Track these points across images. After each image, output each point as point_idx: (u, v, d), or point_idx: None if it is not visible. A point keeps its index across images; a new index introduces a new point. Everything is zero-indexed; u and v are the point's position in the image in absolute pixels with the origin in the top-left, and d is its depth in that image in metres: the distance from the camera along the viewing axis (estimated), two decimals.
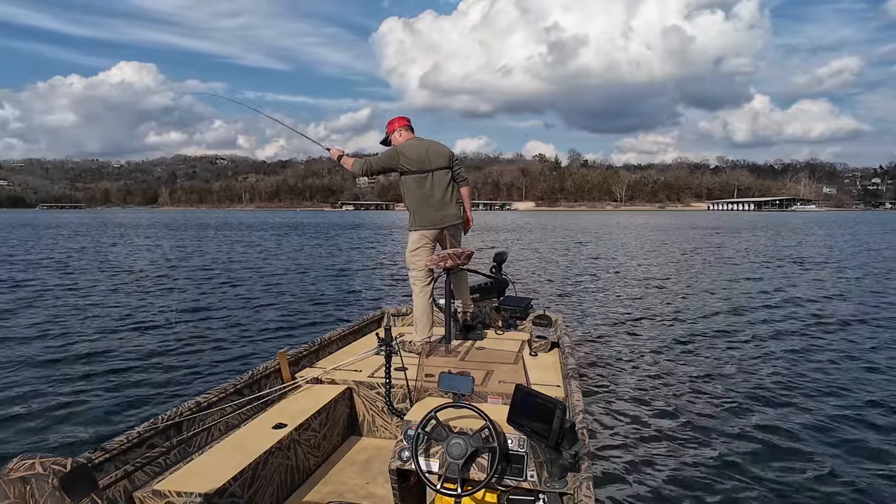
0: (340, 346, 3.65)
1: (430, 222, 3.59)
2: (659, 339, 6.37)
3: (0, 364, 5.30)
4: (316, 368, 3.14)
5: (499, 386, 2.76)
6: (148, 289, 10.28)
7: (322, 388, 2.88)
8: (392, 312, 4.48)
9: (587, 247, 21.20)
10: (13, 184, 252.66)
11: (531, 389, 1.81)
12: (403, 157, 3.52)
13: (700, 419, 3.97)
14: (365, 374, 3.03)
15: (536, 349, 3.47)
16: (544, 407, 1.71)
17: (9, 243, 23.01)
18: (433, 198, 3.58)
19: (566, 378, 2.84)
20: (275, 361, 2.95)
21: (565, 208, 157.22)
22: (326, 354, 3.45)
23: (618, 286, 10.80)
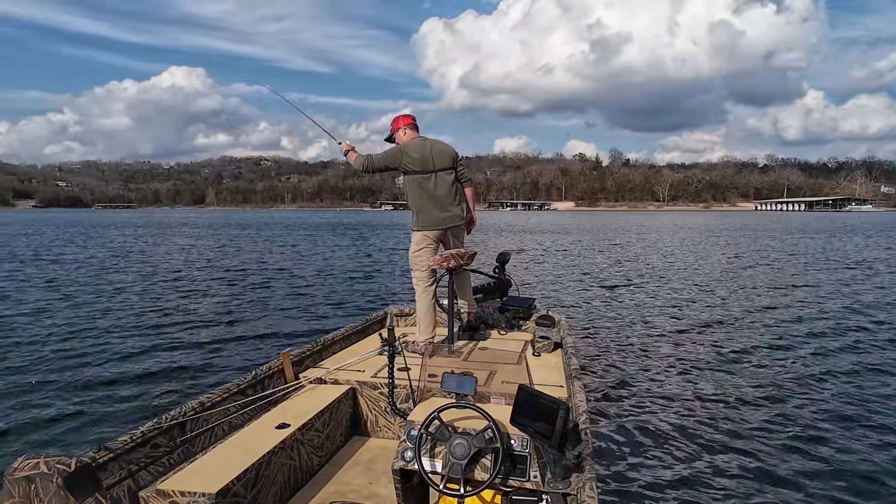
0: (344, 347, 3.65)
1: (433, 223, 3.57)
2: (663, 341, 6.36)
3: (5, 362, 5.33)
4: (319, 368, 3.14)
5: (502, 386, 2.75)
6: (161, 288, 10.31)
7: (325, 388, 2.88)
8: (395, 313, 4.48)
9: (624, 249, 20.49)
10: (71, 185, 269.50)
11: (534, 390, 1.81)
12: (406, 157, 3.51)
13: (704, 420, 3.95)
14: (368, 375, 3.03)
15: (539, 349, 3.47)
16: (547, 407, 1.70)
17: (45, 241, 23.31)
18: (436, 198, 3.56)
19: (569, 378, 2.84)
20: (278, 361, 2.95)
21: (606, 208, 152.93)
22: (330, 354, 3.45)
23: (625, 287, 10.77)
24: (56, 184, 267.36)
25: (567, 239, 26.37)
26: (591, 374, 4.97)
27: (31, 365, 5.31)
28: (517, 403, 1.82)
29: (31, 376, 4.95)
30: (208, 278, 11.97)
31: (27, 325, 7.10)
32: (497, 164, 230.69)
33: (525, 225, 46.52)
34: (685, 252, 18.94)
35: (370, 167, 3.59)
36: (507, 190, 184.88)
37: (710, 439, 3.63)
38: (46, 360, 5.49)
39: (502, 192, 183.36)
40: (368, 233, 32.51)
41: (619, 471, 3.21)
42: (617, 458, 3.35)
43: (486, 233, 30.13)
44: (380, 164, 3.58)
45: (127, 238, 27.00)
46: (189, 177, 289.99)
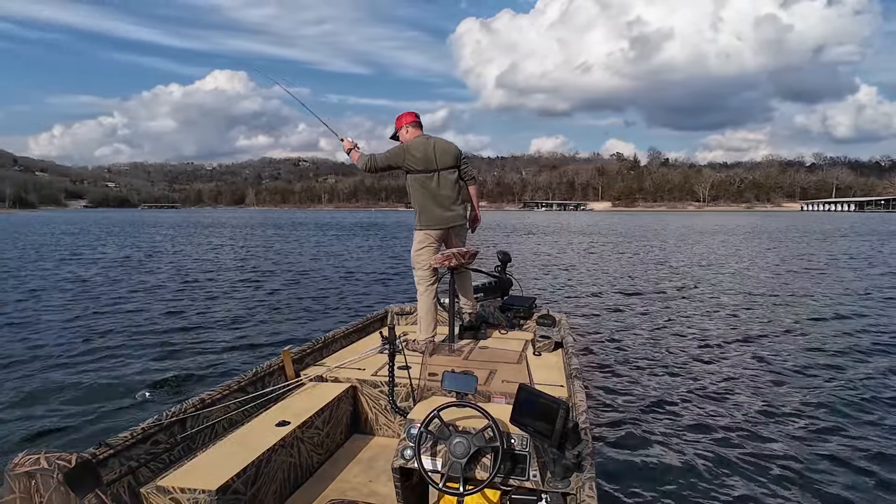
0: (344, 345, 3.65)
1: (436, 222, 3.56)
2: (664, 341, 6.35)
3: (5, 358, 5.35)
4: (319, 366, 3.15)
5: (502, 385, 2.76)
6: (169, 286, 10.34)
7: (325, 386, 2.88)
8: (396, 311, 4.48)
9: (649, 251, 19.44)
10: (119, 185, 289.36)
11: (534, 389, 1.81)
12: (409, 156, 3.49)
13: (704, 420, 3.95)
14: (368, 373, 3.03)
15: (540, 349, 3.46)
16: (547, 407, 1.70)
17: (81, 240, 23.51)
18: (439, 197, 3.55)
19: (569, 378, 2.84)
20: (278, 359, 2.95)
21: (643, 208, 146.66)
22: (330, 352, 3.45)
23: (628, 288, 10.76)
24: (105, 185, 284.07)
25: (595, 241, 25.23)
26: (592, 373, 4.96)
27: (33, 360, 5.32)
28: (517, 402, 1.82)
29: (33, 372, 4.97)
30: (221, 277, 11.99)
31: (31, 321, 7.12)
32: (533, 164, 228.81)
33: (557, 225, 45.42)
34: (711, 253, 18.60)
35: (373, 167, 3.57)
36: (542, 190, 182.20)
37: (709, 439, 3.63)
38: (48, 355, 5.51)
39: (537, 192, 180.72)
40: (400, 232, 32.23)
41: (619, 470, 3.21)
42: (617, 458, 3.35)
43: (512, 234, 29.36)
44: (383, 163, 3.56)
45: (156, 238, 27.34)
46: (230, 177, 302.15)
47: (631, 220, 63.62)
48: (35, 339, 6.20)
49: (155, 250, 19.18)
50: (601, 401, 4.29)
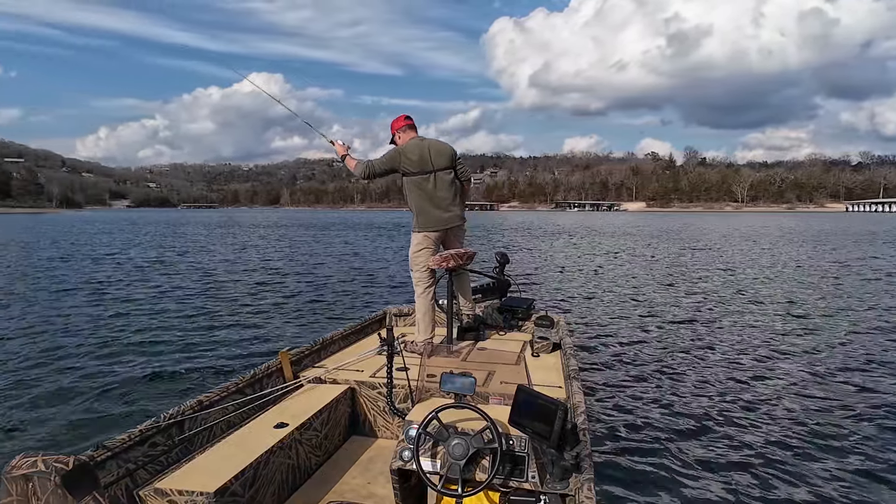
0: (342, 346, 3.65)
1: (434, 223, 3.56)
2: (663, 342, 6.36)
3: (4, 360, 5.33)
4: (318, 368, 3.14)
5: (500, 387, 2.76)
6: (172, 287, 10.30)
7: (324, 387, 2.88)
8: (394, 312, 4.48)
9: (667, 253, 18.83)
10: (160, 186, 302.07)
11: (533, 390, 1.81)
12: (405, 158, 3.50)
13: (703, 422, 3.95)
14: (367, 374, 3.03)
15: (538, 350, 3.47)
16: (546, 408, 1.71)
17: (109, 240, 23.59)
18: (436, 199, 3.56)
19: (568, 379, 2.84)
20: (276, 361, 2.95)
21: (679, 209, 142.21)
22: (328, 354, 3.45)
23: (628, 288, 10.77)
24: (147, 185, 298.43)
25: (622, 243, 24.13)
26: (590, 375, 4.97)
27: (30, 362, 5.30)
28: (516, 404, 1.82)
29: (30, 373, 4.95)
30: (224, 278, 11.95)
31: (29, 322, 7.10)
32: (565, 164, 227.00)
33: (587, 226, 44.14)
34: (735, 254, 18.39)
35: (372, 173, 3.56)
36: (574, 190, 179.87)
37: (709, 440, 3.63)
38: (45, 356, 5.49)
39: (570, 193, 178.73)
40: None
41: (618, 472, 3.21)
42: (615, 459, 3.35)
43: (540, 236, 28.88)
44: (380, 168, 3.56)
45: (180, 239, 27.39)
46: (266, 178, 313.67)
47: (669, 221, 61.26)
48: (34, 339, 6.18)
49: (172, 250, 19.29)
50: (600, 402, 4.30)
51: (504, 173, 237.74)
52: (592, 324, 7.32)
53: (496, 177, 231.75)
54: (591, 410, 4.03)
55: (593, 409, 4.09)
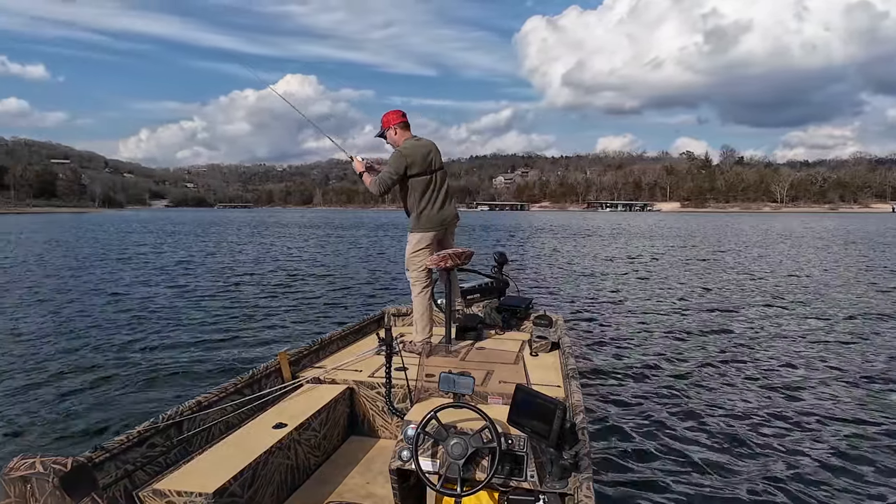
0: (341, 346, 3.65)
1: (435, 223, 3.57)
2: (661, 341, 6.37)
3: (2, 361, 5.31)
4: (316, 368, 3.14)
5: (499, 386, 2.76)
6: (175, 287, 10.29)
7: (322, 387, 2.88)
8: (392, 312, 4.48)
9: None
10: (198, 186, 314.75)
11: (531, 389, 1.81)
12: (409, 160, 3.46)
13: (702, 420, 3.96)
14: (365, 374, 3.03)
15: (537, 349, 3.47)
16: (545, 407, 1.71)
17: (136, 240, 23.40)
18: (437, 199, 3.56)
19: (566, 378, 2.84)
20: (275, 361, 2.95)
21: (715, 209, 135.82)
22: (327, 354, 3.45)
23: (628, 288, 10.79)
24: (185, 185, 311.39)
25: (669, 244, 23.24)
26: (589, 374, 4.97)
27: (27, 364, 5.29)
28: (514, 403, 1.82)
29: (28, 374, 4.93)
30: (231, 279, 11.93)
31: (28, 323, 7.08)
32: (598, 164, 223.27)
33: (630, 227, 42.56)
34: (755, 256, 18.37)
35: (386, 187, 3.47)
36: (607, 190, 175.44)
37: (708, 439, 3.64)
38: (43, 357, 5.47)
39: (602, 193, 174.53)
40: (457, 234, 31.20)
41: (617, 471, 3.21)
42: (614, 458, 3.36)
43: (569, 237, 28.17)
44: (394, 178, 3.47)
45: (201, 238, 27.81)
46: (299, 178, 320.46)
47: (699, 221, 58.90)
48: (33, 339, 6.16)
49: (188, 250, 19.38)
50: (598, 401, 4.30)
51: (535, 173, 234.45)
52: (591, 323, 7.33)
53: (527, 176, 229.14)
54: (590, 409, 4.03)
55: (592, 409, 4.09)
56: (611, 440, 3.61)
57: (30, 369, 5.13)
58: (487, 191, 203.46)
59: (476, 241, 24.81)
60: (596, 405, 4.19)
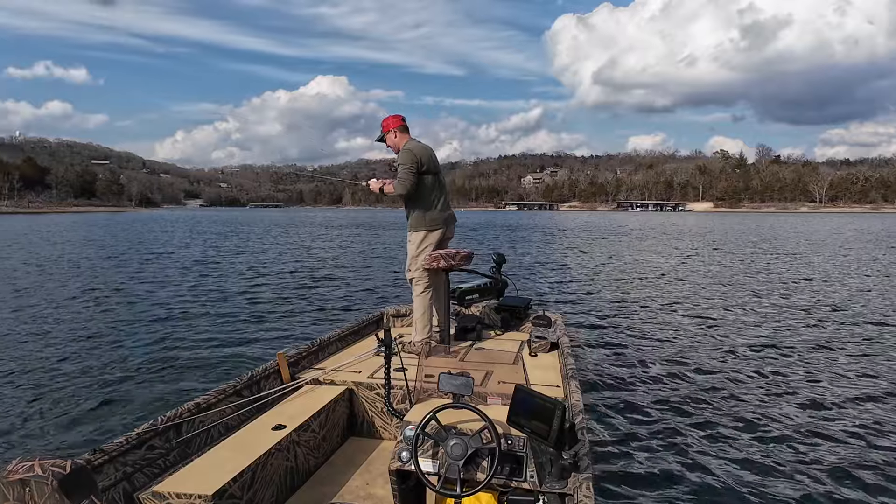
0: (340, 347, 3.65)
1: (440, 222, 3.61)
2: (660, 341, 6.37)
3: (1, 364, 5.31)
4: (315, 369, 3.14)
5: (498, 386, 2.76)
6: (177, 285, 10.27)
7: (322, 388, 2.88)
8: (391, 313, 4.48)
9: None
10: (231, 186, 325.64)
11: (531, 390, 1.81)
12: (421, 158, 3.50)
13: (701, 420, 3.97)
14: (364, 375, 3.03)
15: (536, 349, 3.47)
16: (544, 407, 1.71)
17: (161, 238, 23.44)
18: (441, 198, 3.62)
19: (566, 378, 2.84)
20: (274, 362, 2.95)
21: (750, 209, 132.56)
22: (326, 355, 3.45)
23: (628, 287, 10.79)
24: (219, 185, 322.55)
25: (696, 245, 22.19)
26: (588, 374, 4.97)
27: (24, 365, 5.28)
28: (514, 403, 1.82)
29: (26, 376, 4.92)
30: (235, 278, 11.93)
31: (25, 325, 7.06)
32: (628, 163, 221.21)
33: (662, 227, 40.81)
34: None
35: (411, 182, 3.45)
36: (637, 189, 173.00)
37: (707, 439, 3.65)
38: (43, 357, 5.46)
39: (632, 192, 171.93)
40: (482, 234, 30.55)
41: (616, 471, 3.22)
42: (614, 458, 3.36)
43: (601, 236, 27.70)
44: (413, 172, 3.46)
45: (223, 237, 28.15)
46: (330, 178, 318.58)
47: (730, 221, 57.18)
48: (32, 340, 6.15)
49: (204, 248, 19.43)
50: (598, 401, 4.30)
51: (564, 172, 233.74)
52: (590, 323, 7.33)
53: (556, 176, 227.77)
54: (589, 409, 4.04)
55: (591, 409, 4.09)
56: (610, 440, 3.62)
57: (27, 371, 5.12)
58: (516, 190, 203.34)
59: (498, 242, 24.66)
60: (595, 405, 4.20)
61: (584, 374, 4.89)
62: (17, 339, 6.39)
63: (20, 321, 7.38)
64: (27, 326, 7.05)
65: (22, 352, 5.82)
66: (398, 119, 3.66)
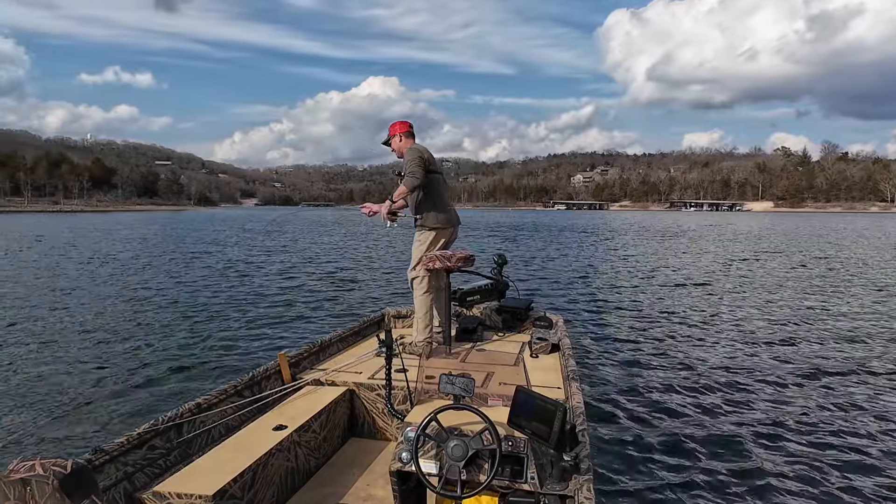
0: (341, 348, 3.65)
1: (446, 222, 3.64)
2: (662, 343, 6.36)
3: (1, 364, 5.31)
4: (316, 370, 3.14)
5: (499, 388, 2.76)
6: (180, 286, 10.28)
7: (322, 389, 2.88)
8: (392, 314, 4.48)
9: None
10: (284, 185, 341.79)
11: (532, 391, 1.81)
12: (427, 157, 3.53)
13: (703, 423, 3.96)
14: (365, 376, 3.03)
15: (537, 351, 3.47)
16: (545, 409, 1.71)
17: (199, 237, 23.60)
18: (446, 199, 3.67)
19: (567, 380, 2.84)
20: (275, 363, 2.95)
21: (813, 209, 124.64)
22: (327, 356, 3.45)
23: (627, 288, 10.78)
24: (273, 185, 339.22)
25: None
26: (589, 375, 4.97)
27: (24, 365, 5.29)
28: (515, 405, 1.82)
29: (28, 377, 4.93)
30: (228, 278, 11.90)
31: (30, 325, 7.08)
32: (683, 161, 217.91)
33: (719, 229, 38.04)
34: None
35: (418, 178, 3.44)
36: (691, 188, 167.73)
37: (708, 441, 3.64)
38: (39, 361, 5.47)
39: (686, 191, 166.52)
40: (527, 236, 29.21)
41: (617, 473, 3.21)
42: (615, 460, 3.36)
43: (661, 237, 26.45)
44: (420, 168, 3.45)
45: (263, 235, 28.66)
46: (379, 178, 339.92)
47: (789, 222, 53.13)
48: (33, 340, 6.16)
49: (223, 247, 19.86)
50: (599, 403, 4.30)
51: (615, 171, 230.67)
52: (591, 324, 7.32)
53: (606, 175, 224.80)
54: (590, 411, 4.03)
55: (592, 410, 4.09)
56: (611, 442, 3.61)
57: (28, 372, 5.13)
58: (565, 189, 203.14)
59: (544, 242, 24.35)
60: (596, 407, 4.19)
61: (586, 375, 4.88)
62: (20, 337, 6.40)
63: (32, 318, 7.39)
64: (32, 326, 7.07)
65: (23, 351, 5.83)
66: (405, 125, 3.74)
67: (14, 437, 3.69)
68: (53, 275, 12.31)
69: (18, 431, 3.79)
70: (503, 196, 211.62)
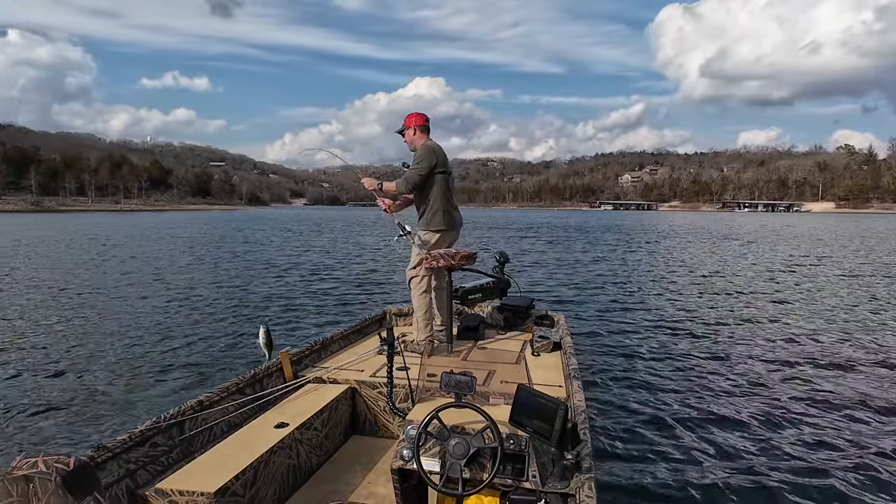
0: (343, 346, 3.65)
1: (451, 223, 3.62)
2: (663, 341, 6.36)
3: (4, 362, 5.33)
4: (318, 368, 3.15)
5: (501, 386, 2.76)
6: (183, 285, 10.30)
7: (324, 387, 2.88)
8: (394, 312, 4.48)
9: None
10: (332, 186, 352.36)
11: (533, 389, 1.81)
12: (437, 156, 3.49)
13: (703, 420, 3.95)
14: (367, 374, 3.03)
15: (538, 349, 3.47)
16: (546, 407, 1.71)
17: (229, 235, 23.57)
18: (453, 199, 3.64)
19: (568, 378, 2.84)
20: (277, 361, 2.95)
21: (879, 210, 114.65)
22: (329, 354, 3.45)
23: (630, 288, 10.77)
24: (321, 185, 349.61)
25: None
26: (591, 374, 4.96)
27: (28, 363, 5.31)
28: (516, 403, 1.82)
29: (31, 375, 4.95)
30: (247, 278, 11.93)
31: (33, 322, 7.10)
32: (737, 160, 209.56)
33: (775, 230, 36.03)
34: None
35: (415, 183, 3.44)
36: (745, 188, 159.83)
37: (709, 440, 3.63)
38: (42, 359, 5.49)
39: (740, 192, 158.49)
40: (573, 236, 28.56)
41: (619, 471, 3.21)
42: (616, 459, 3.35)
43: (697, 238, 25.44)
44: (424, 173, 3.44)
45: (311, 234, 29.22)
46: None
47: (850, 225, 47.95)
48: (35, 340, 6.18)
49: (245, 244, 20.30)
50: (600, 401, 4.30)
51: (665, 171, 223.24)
52: (593, 323, 7.32)
53: (656, 174, 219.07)
54: (592, 409, 4.03)
55: (594, 409, 4.08)
56: (613, 440, 3.61)
57: (30, 370, 5.15)
58: (612, 189, 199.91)
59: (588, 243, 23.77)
60: (598, 405, 4.19)
61: (587, 374, 4.88)
62: (22, 338, 6.42)
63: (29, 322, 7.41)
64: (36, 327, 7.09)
65: (23, 352, 5.85)
66: (422, 118, 3.66)
67: (16, 435, 3.70)
68: (67, 274, 12.34)
69: (21, 428, 3.80)
70: (548, 196, 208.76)
